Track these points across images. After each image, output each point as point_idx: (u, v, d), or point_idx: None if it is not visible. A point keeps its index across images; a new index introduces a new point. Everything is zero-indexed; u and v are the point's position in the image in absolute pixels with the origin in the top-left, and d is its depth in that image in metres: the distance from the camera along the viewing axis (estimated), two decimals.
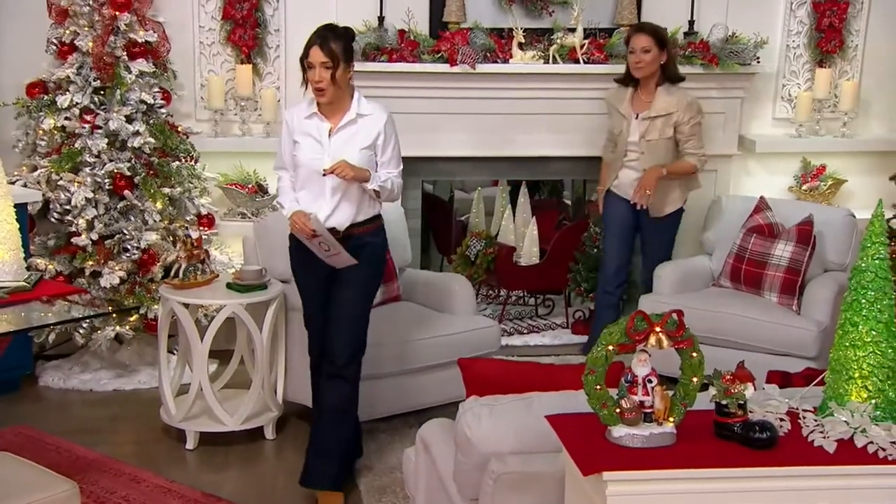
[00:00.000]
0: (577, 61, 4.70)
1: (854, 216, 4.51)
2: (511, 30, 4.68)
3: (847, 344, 2.20)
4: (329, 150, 3.24)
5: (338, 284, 3.30)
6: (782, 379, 2.64)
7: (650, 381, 2.14)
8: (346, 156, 3.19)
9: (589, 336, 4.75)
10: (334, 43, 3.16)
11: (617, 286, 4.57)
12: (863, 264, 2.19)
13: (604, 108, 4.79)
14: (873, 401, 2.18)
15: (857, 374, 2.18)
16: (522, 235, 5.16)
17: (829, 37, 5.06)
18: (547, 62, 4.67)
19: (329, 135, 3.25)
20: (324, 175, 3.17)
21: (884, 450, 2.09)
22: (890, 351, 2.18)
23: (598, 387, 2.14)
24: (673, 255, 4.69)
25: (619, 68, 4.72)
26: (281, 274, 3.93)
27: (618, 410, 2.14)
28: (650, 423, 2.14)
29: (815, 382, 2.33)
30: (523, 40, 4.65)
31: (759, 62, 4.84)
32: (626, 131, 4.34)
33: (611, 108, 4.45)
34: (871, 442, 2.11)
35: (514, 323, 5.13)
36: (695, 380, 2.16)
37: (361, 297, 3.31)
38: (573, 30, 4.68)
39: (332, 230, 3.25)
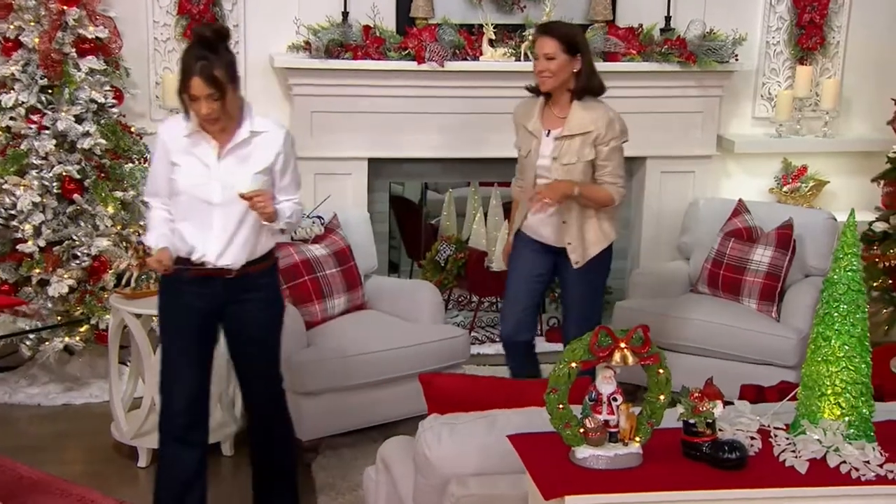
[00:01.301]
0: None
1: (836, 219, 4.53)
2: (481, 26, 4.67)
3: (819, 359, 2.20)
4: (218, 175, 2.87)
5: (236, 338, 3.02)
6: (756, 393, 2.64)
7: (615, 400, 2.13)
8: (239, 182, 2.82)
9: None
10: (217, 69, 2.74)
11: (515, 353, 3.74)
12: (835, 276, 2.18)
13: None
14: (846, 418, 2.17)
15: (829, 391, 2.18)
16: (494, 239, 5.13)
17: (809, 33, 5.07)
18: (519, 59, 4.65)
19: (218, 157, 2.88)
20: (241, 197, 2.81)
21: (857, 470, 2.09)
22: (863, 366, 2.17)
23: (561, 406, 2.12)
24: (640, 263, 4.72)
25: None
26: None
27: (581, 430, 2.13)
28: (615, 444, 2.13)
29: (788, 398, 2.32)
30: (494, 37, 4.64)
31: (737, 60, 4.85)
32: (536, 152, 3.58)
33: (517, 125, 3.69)
34: (844, 462, 2.10)
35: (486, 330, 5.11)
36: (662, 397, 2.15)
37: (273, 345, 3.07)
38: None
39: (224, 270, 2.91)
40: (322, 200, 4.34)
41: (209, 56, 2.74)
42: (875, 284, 4.68)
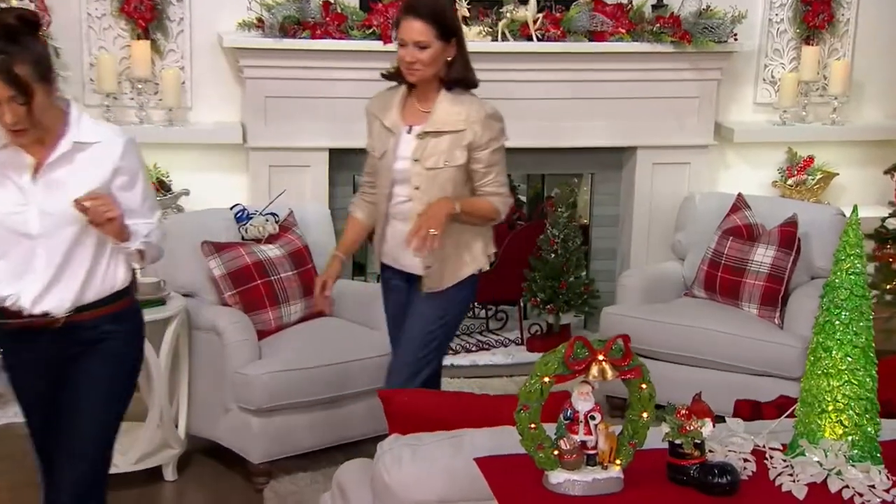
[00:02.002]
0: (529, 38, 4.67)
1: (845, 215, 4.50)
2: (454, 1, 4.63)
3: (819, 372, 2.18)
4: (34, 198, 2.47)
5: (69, 404, 2.59)
6: (752, 409, 2.63)
7: (593, 418, 2.11)
8: (59, 209, 2.45)
9: None
10: (20, 65, 2.35)
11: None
12: (836, 280, 2.17)
13: (564, 92, 4.77)
14: (849, 438, 2.16)
15: (830, 407, 2.16)
16: None
17: (816, 10, 5.07)
18: (495, 39, 4.64)
19: (33, 175, 2.48)
20: (76, 207, 2.42)
21: (861, 495, 2.07)
22: (868, 380, 2.16)
23: (533, 425, 2.10)
24: (630, 264, 4.77)
25: (579, 46, 4.71)
26: (182, 286, 3.91)
27: (556, 452, 2.11)
28: (594, 467, 2.11)
29: (786, 415, 2.31)
30: (468, 14, 4.62)
31: (736, 39, 4.85)
32: (393, 153, 3.16)
33: (371, 121, 3.31)
34: (847, 486, 2.09)
35: (460, 339, 5.10)
36: (645, 415, 2.13)
37: (101, 420, 2.58)
38: (525, 2, 4.66)
39: (46, 316, 2.53)
40: (277, 195, 4.31)
41: (10, 49, 2.35)
42: (889, 287, 4.69)
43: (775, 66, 5.17)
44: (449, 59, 3.14)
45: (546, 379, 2.07)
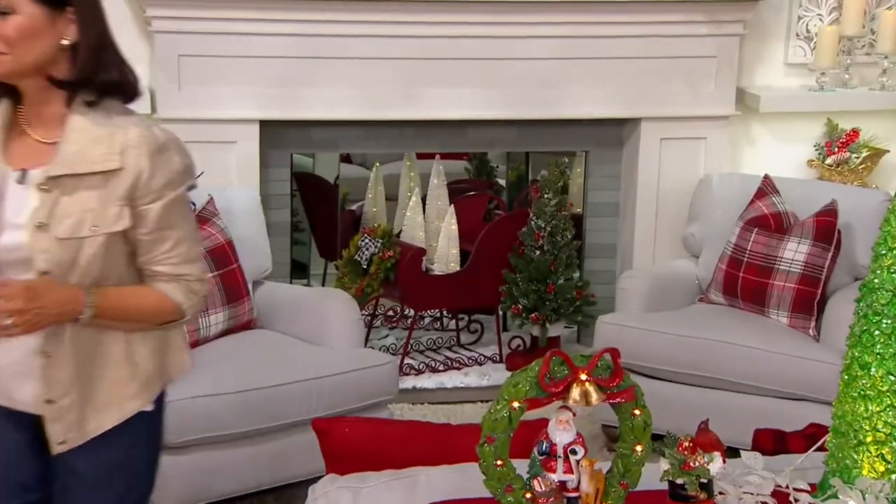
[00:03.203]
0: None
1: None
2: None
3: (855, 394, 2.18)
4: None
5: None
6: (774, 441, 2.62)
7: (574, 453, 2.10)
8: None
9: None
10: None
11: None
12: (875, 280, 2.16)
13: (552, 50, 4.77)
14: (893, 476, 2.15)
15: (869, 438, 2.16)
16: (436, 231, 5.14)
17: None
18: None
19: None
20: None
21: None
22: None
23: (500, 462, 2.09)
24: (633, 263, 4.78)
25: None
26: None
27: (528, 496, 2.11)
28: None
29: (815, 447, 2.30)
30: None
31: None
32: None
33: None
34: None
35: (425, 356, 5.12)
36: (638, 449, 2.13)
37: None
38: None
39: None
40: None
41: None
42: None
43: (811, 17, 5.18)
44: (67, 41, 2.28)
45: (515, 404, 2.06)
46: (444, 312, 5.43)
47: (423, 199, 5.24)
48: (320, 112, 4.72)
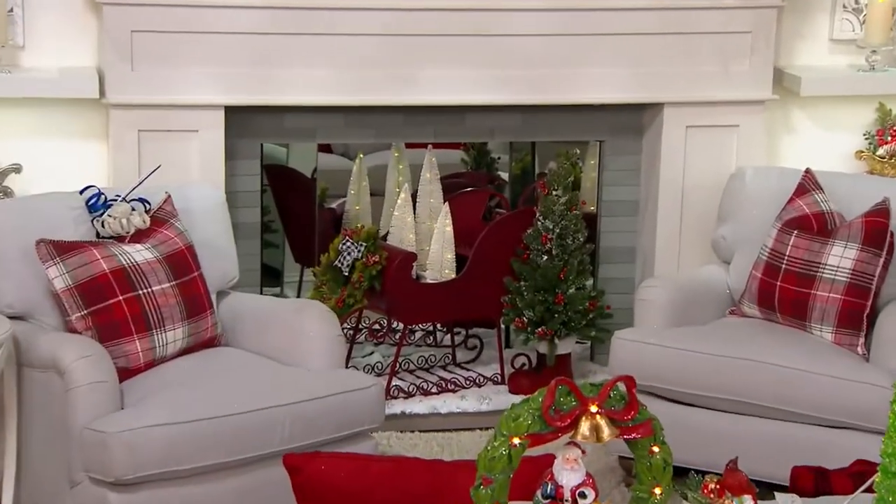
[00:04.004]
0: None
1: None
2: None
3: None
4: None
5: None
6: (815, 480, 2.61)
7: (584, 496, 2.11)
8: None
9: None
10: None
11: None
12: None
13: (563, 26, 4.78)
14: None
15: None
16: (428, 233, 5.15)
17: None
18: None
19: None
20: None
21: None
22: None
23: None
24: (654, 270, 4.81)
25: None
26: (9, 304, 3.91)
27: None
28: None
29: (863, 488, 2.28)
30: None
31: None
32: None
33: None
34: None
35: (416, 377, 5.11)
36: (657, 491, 2.14)
37: None
38: None
39: None
40: (148, 173, 4.30)
41: None
42: None
43: None
44: None
45: (516, 440, 2.08)
46: (438, 326, 5.40)
47: (414, 196, 5.22)
48: (295, 96, 4.73)
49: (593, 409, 2.06)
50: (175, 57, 4.57)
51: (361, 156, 5.46)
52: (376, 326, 5.28)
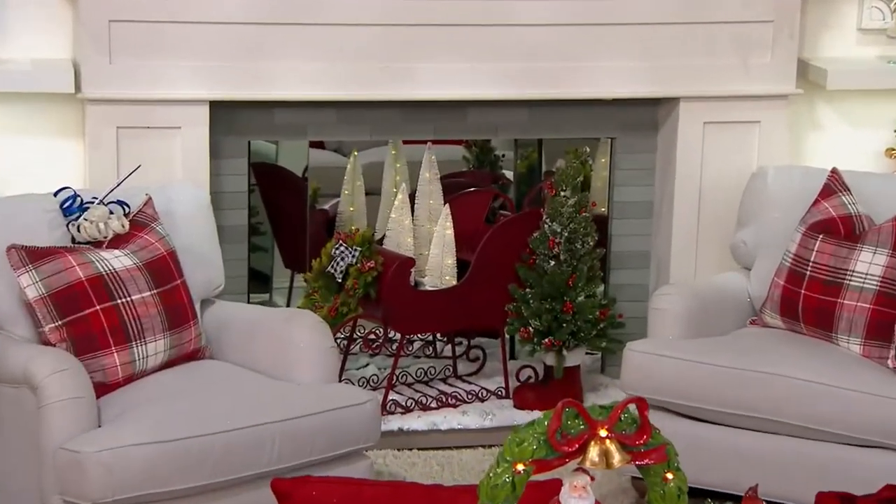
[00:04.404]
0: None
1: None
2: None
3: None
4: None
5: None
6: None
7: None
8: None
9: None
10: None
11: None
12: None
13: (572, 15, 4.79)
14: None
15: None
16: (427, 237, 5.15)
17: None
18: None
19: None
20: None
21: None
22: None
23: None
24: (670, 276, 4.82)
25: None
26: None
27: None
28: None
29: None
30: None
31: None
32: None
33: None
34: None
35: (414, 390, 5.12)
36: None
37: None
38: None
39: None
40: (128, 173, 4.29)
41: None
42: None
43: None
44: None
45: (520, 467, 2.07)
46: (438, 337, 5.40)
47: (412, 197, 5.22)
48: (285, 90, 4.74)
49: (603, 433, 2.05)
50: (156, 48, 4.57)
51: (356, 153, 5.44)
52: (372, 337, 5.25)
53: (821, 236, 4.42)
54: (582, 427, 2.05)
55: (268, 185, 5.47)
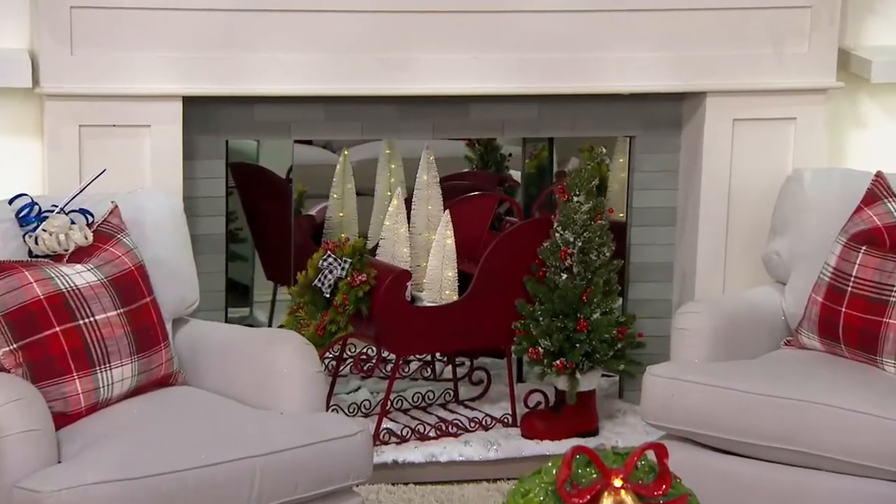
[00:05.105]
0: None
1: None
2: None
3: None
4: None
5: None
6: None
7: None
8: None
9: None
10: None
11: None
12: None
13: (586, 1, 4.83)
14: None
15: None
16: (425, 246, 5.16)
17: None
18: None
19: None
20: None
21: None
22: None
23: None
24: (695, 292, 4.83)
25: None
26: None
27: None
28: None
29: None
30: None
31: None
32: None
33: None
34: None
35: (411, 418, 5.12)
36: None
37: None
38: None
39: None
40: (91, 178, 4.28)
41: None
42: None
43: None
44: None
45: None
46: (437, 357, 5.40)
47: (409, 202, 5.21)
48: (267, 84, 4.76)
49: (617, 482, 2.04)
50: (123, 38, 4.57)
51: (346, 152, 5.45)
52: (363, 357, 5.25)
53: (864, 248, 4.40)
54: (594, 476, 2.04)
55: (248, 187, 5.48)
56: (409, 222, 5.16)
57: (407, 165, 5.40)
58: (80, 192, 4.18)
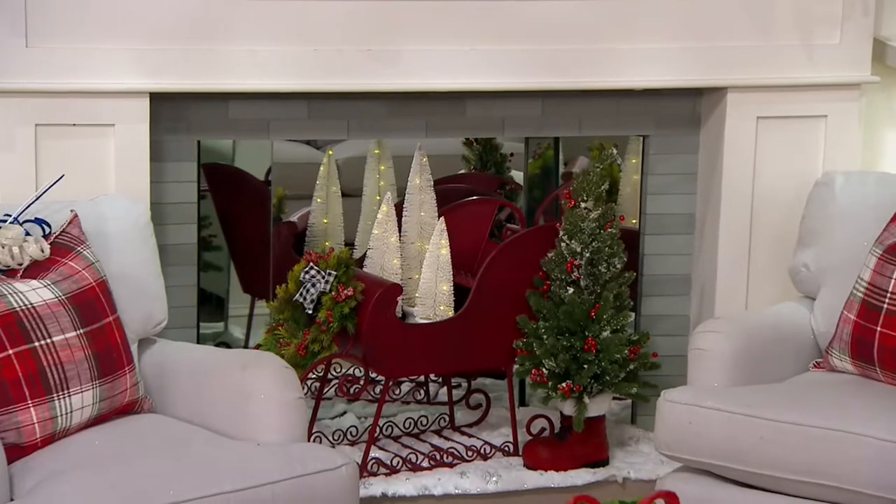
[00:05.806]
0: None
1: None
2: None
3: None
4: None
5: None
6: None
7: None
8: None
9: None
10: None
11: None
12: None
13: None
14: None
15: None
16: (418, 257, 5.16)
17: None
18: None
19: None
20: None
21: None
22: None
23: None
24: (715, 308, 4.84)
25: None
26: None
27: None
28: None
29: None
30: None
31: None
32: None
33: None
34: None
35: (402, 446, 5.12)
36: None
37: None
38: None
39: None
40: (48, 184, 4.29)
41: None
42: None
43: None
44: None
45: None
46: (431, 378, 5.40)
47: (400, 207, 5.19)
48: (243, 79, 4.77)
49: None
50: (84, 28, 4.58)
51: (330, 152, 5.45)
52: (350, 379, 5.16)
53: None
54: None
55: (222, 191, 5.46)
56: (399, 230, 5.13)
57: (398, 165, 5.40)
58: (37, 199, 4.19)
